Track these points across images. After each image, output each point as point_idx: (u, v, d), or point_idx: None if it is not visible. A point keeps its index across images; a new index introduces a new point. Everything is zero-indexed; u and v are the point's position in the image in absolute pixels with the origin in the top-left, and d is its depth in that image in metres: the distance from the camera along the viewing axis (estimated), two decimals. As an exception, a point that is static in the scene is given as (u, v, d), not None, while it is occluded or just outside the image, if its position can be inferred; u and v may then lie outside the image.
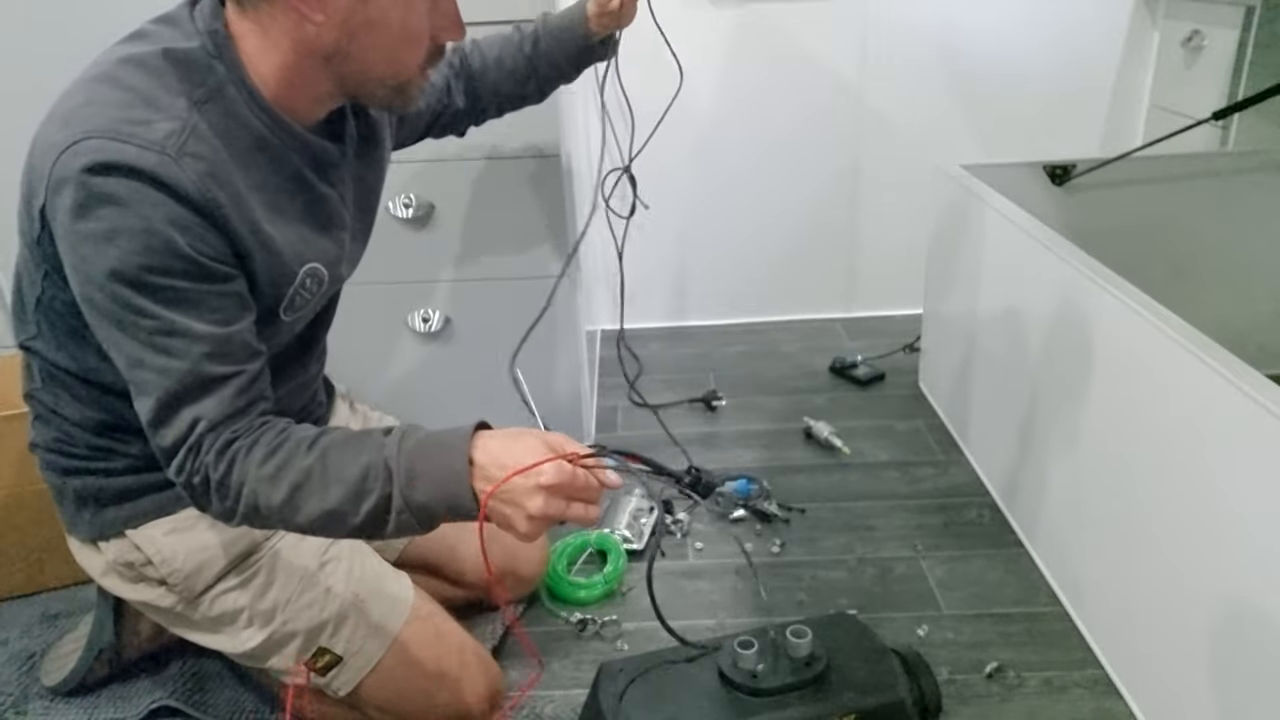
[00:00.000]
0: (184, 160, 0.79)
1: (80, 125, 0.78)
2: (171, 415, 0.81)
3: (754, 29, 2.07)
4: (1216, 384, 0.95)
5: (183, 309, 0.80)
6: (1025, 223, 1.43)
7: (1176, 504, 1.04)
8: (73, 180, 0.76)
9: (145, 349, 0.80)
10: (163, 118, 0.80)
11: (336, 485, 0.81)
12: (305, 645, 1.03)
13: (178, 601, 1.03)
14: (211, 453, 0.81)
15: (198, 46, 0.84)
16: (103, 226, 0.77)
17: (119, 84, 0.81)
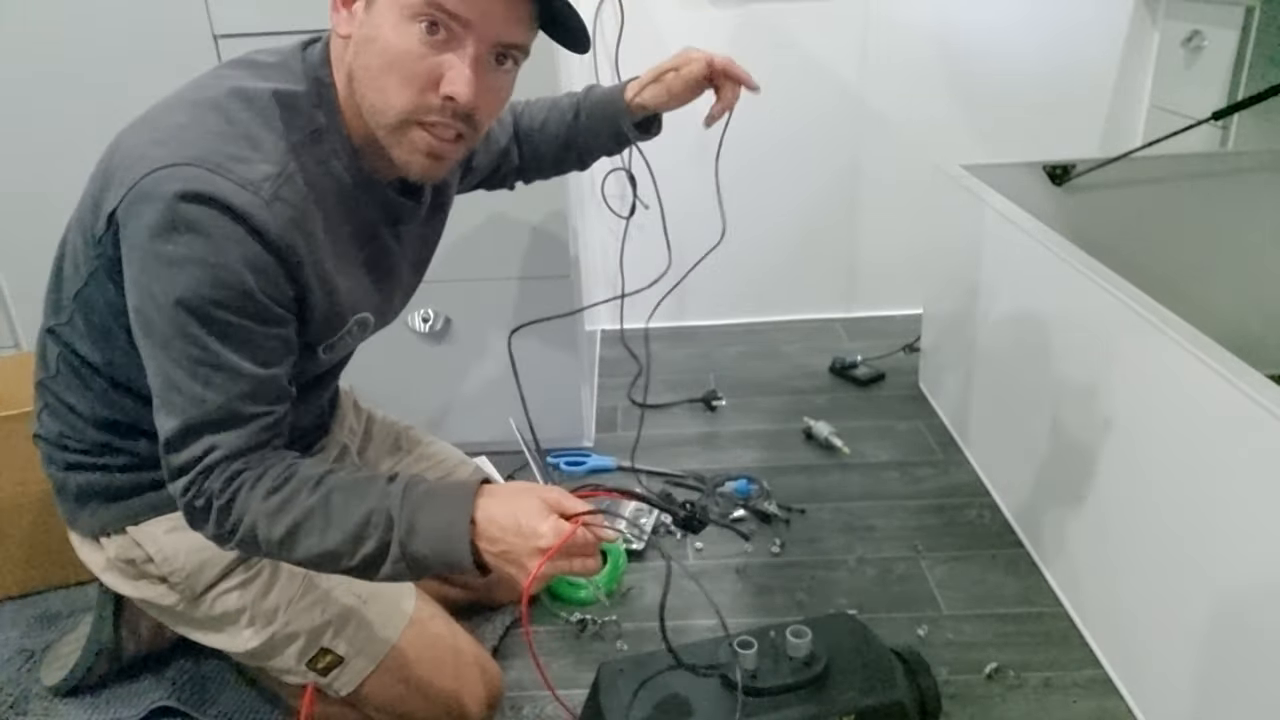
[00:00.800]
0: (275, 205, 0.80)
1: (180, 149, 0.79)
2: (191, 440, 0.83)
3: (754, 29, 2.07)
4: (1216, 384, 0.95)
5: (234, 346, 0.82)
6: (1025, 223, 1.43)
7: (1176, 504, 1.04)
8: (162, 200, 0.77)
9: (186, 375, 0.81)
10: (262, 159, 0.81)
11: (337, 528, 0.82)
12: (307, 646, 1.03)
13: (179, 600, 1.03)
14: (219, 480, 0.83)
15: (303, 92, 0.86)
16: (180, 252, 0.78)
17: (226, 116, 0.82)
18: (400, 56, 0.81)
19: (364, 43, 0.83)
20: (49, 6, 1.45)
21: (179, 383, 0.82)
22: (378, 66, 0.82)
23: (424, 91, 0.82)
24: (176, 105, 0.84)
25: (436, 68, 0.81)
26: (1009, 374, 1.51)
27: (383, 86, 0.83)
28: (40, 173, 1.54)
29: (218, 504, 0.83)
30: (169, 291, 0.79)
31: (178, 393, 0.82)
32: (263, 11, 1.47)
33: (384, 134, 0.86)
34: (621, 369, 2.11)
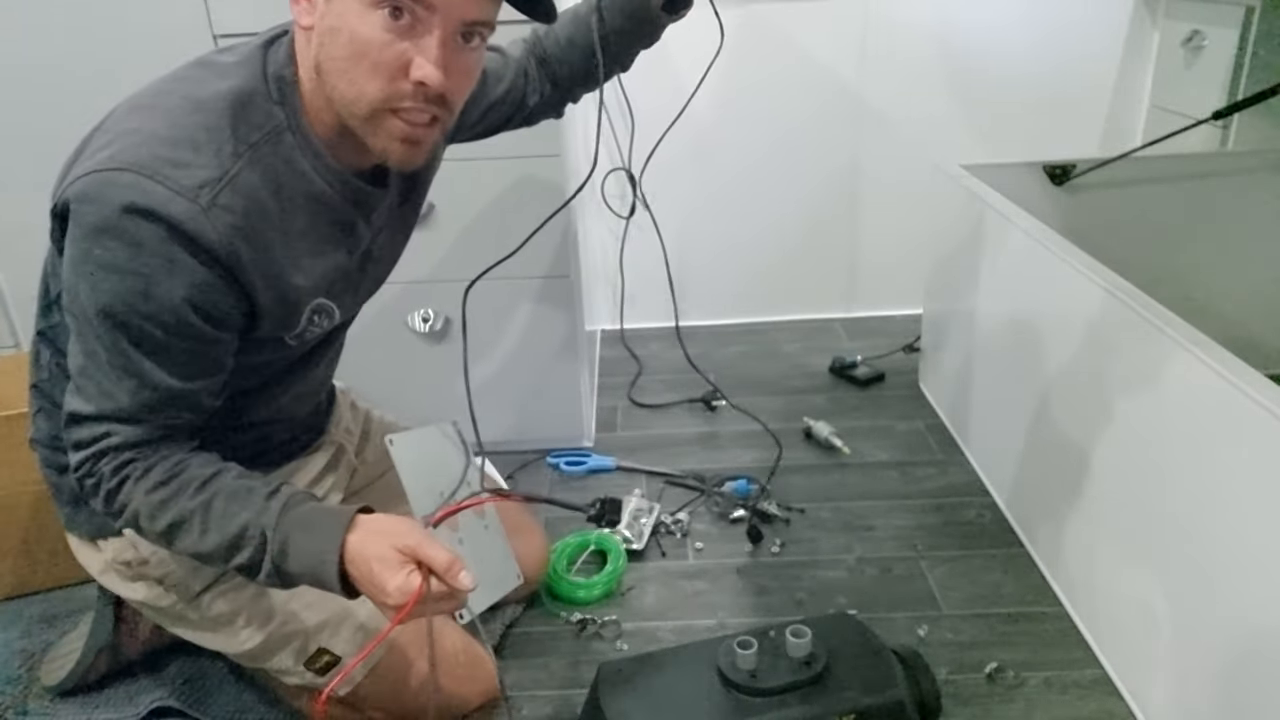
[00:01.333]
0: (213, 211, 0.80)
1: (121, 154, 0.79)
2: (90, 422, 0.85)
3: (754, 29, 2.07)
4: (1216, 384, 0.95)
5: (153, 357, 0.83)
6: (1025, 223, 1.43)
7: (1176, 504, 1.04)
8: (97, 205, 0.78)
9: (101, 371, 0.83)
10: (202, 165, 0.80)
11: (214, 533, 0.85)
12: (304, 646, 1.03)
13: (176, 601, 1.03)
14: (109, 465, 0.86)
15: (263, 90, 0.85)
16: (109, 259, 0.78)
17: (172, 120, 0.82)
18: (366, 45, 0.79)
19: (327, 34, 0.81)
20: (48, 7, 1.45)
21: (93, 375, 0.84)
22: (344, 57, 0.80)
23: (394, 79, 0.81)
24: (131, 110, 0.84)
25: (404, 54, 0.80)
26: (1009, 374, 1.51)
27: (353, 77, 0.81)
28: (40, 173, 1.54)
29: (106, 487, 0.86)
30: (95, 296, 0.80)
31: (91, 382, 0.84)
32: (263, 11, 1.46)
33: (358, 124, 0.84)
34: (621, 369, 2.11)
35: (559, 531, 1.50)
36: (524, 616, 1.36)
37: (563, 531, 1.50)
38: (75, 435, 0.86)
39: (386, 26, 0.78)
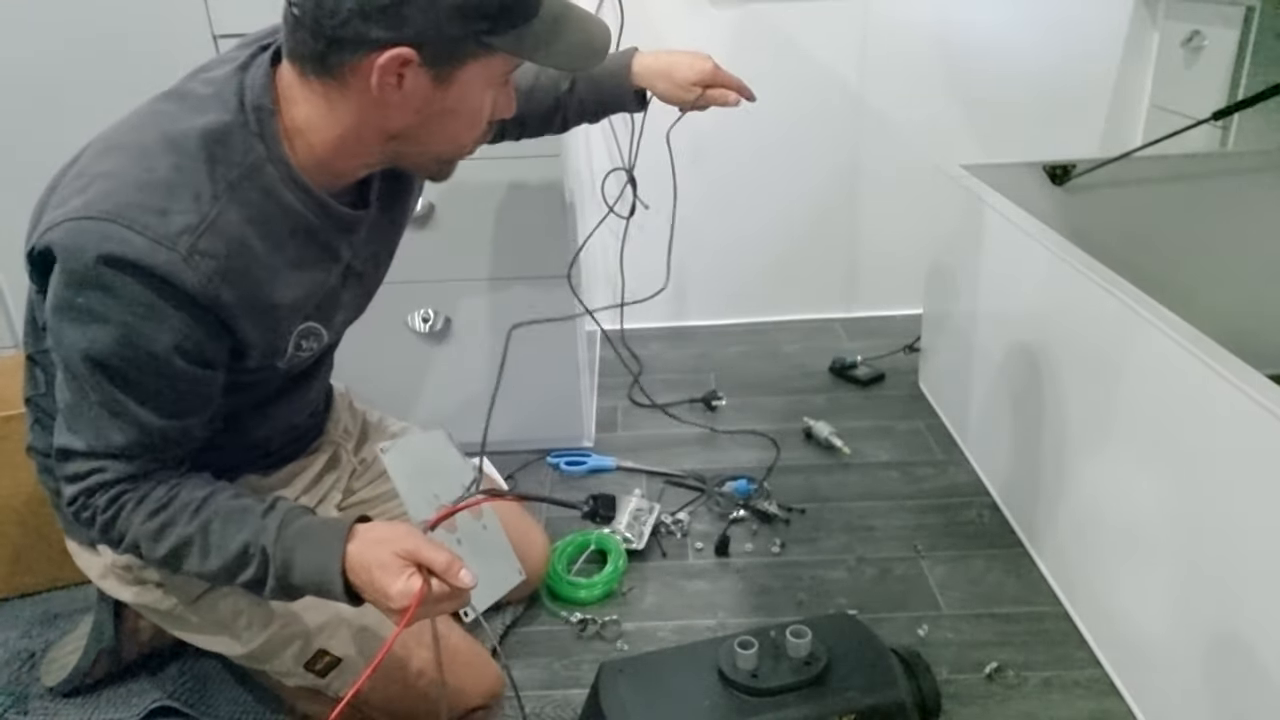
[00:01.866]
0: (193, 259, 0.79)
1: (97, 201, 0.78)
2: (81, 458, 0.86)
3: (754, 29, 2.07)
4: (1216, 384, 0.95)
5: (141, 400, 0.83)
6: (1025, 223, 1.43)
7: (1176, 504, 1.04)
8: (75, 254, 0.77)
9: (91, 412, 0.84)
10: (181, 210, 0.79)
11: (216, 556, 0.87)
12: (305, 647, 1.03)
13: (176, 604, 1.02)
14: (103, 499, 0.87)
15: (239, 123, 0.84)
16: (91, 307, 0.79)
17: (147, 163, 0.81)
18: (480, 117, 0.88)
19: (437, 115, 0.85)
20: (49, 7, 1.45)
21: (84, 413, 0.85)
22: (455, 128, 0.87)
23: (484, 128, 0.90)
24: (103, 148, 0.84)
25: (493, 108, 0.89)
26: (1009, 374, 1.51)
27: (459, 140, 0.89)
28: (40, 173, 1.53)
29: (101, 519, 0.87)
30: (77, 343, 0.81)
31: (81, 420, 0.85)
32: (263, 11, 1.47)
33: (434, 167, 0.93)
34: (621, 369, 2.11)
35: (559, 531, 1.50)
36: (524, 616, 1.36)
37: (563, 532, 1.50)
38: (67, 469, 0.87)
39: (492, 93, 0.88)
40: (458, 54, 0.81)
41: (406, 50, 0.78)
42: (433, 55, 0.80)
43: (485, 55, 0.82)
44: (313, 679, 1.04)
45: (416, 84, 0.81)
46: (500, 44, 0.81)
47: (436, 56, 0.80)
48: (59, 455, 0.87)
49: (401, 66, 0.79)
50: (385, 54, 0.78)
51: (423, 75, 0.81)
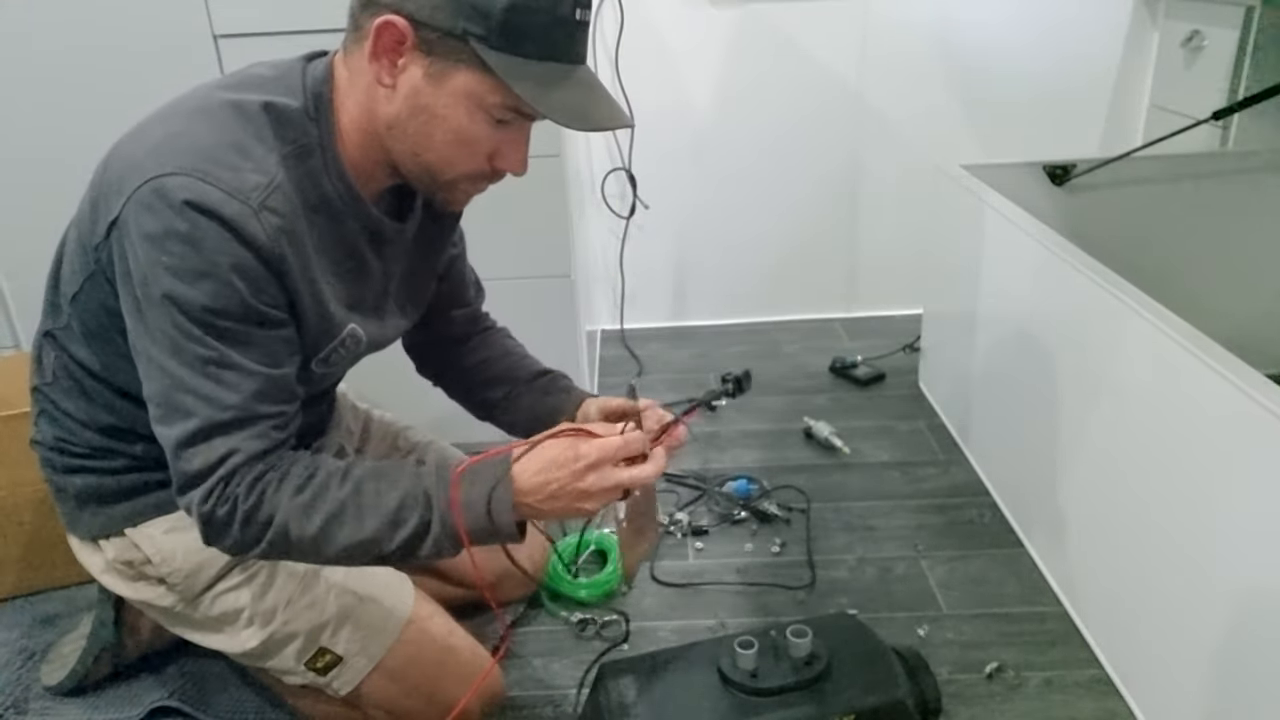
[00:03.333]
0: (263, 214, 0.81)
1: (172, 158, 0.80)
2: (205, 442, 0.82)
3: (754, 29, 2.07)
4: (1216, 384, 0.95)
5: (239, 348, 0.83)
6: (1025, 223, 1.43)
7: (1176, 503, 1.04)
8: (155, 209, 0.79)
9: (196, 375, 0.82)
10: (252, 168, 0.82)
11: (372, 516, 0.84)
12: (306, 645, 1.03)
13: (177, 601, 1.03)
14: (243, 485, 0.83)
15: (299, 106, 0.87)
16: (174, 261, 0.79)
17: (216, 124, 0.83)
18: (469, 138, 0.86)
19: (423, 112, 0.84)
20: (49, 7, 1.45)
21: (190, 384, 0.82)
22: (442, 140, 0.86)
23: (481, 164, 0.88)
24: (170, 115, 0.85)
25: (496, 145, 0.87)
26: (1009, 374, 1.51)
27: (446, 156, 0.87)
28: (40, 173, 1.54)
29: (243, 508, 0.83)
30: (169, 299, 0.80)
31: (186, 392, 0.82)
32: (263, 11, 1.47)
33: (428, 181, 0.90)
34: (621, 369, 2.11)
35: (559, 531, 1.50)
36: (524, 616, 1.36)
37: (564, 531, 1.50)
38: (190, 466, 0.83)
39: (491, 126, 0.85)
40: (451, 52, 0.81)
41: (400, 21, 0.80)
42: (426, 41, 0.81)
43: (478, 69, 0.81)
44: (313, 677, 1.04)
45: (410, 69, 0.83)
46: (492, 62, 0.80)
47: (430, 45, 0.81)
48: (177, 457, 0.83)
49: (398, 42, 0.81)
50: (381, 19, 0.80)
51: (417, 62, 0.82)
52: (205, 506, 0.83)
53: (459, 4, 0.79)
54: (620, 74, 2.06)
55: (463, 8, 0.79)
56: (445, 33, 0.80)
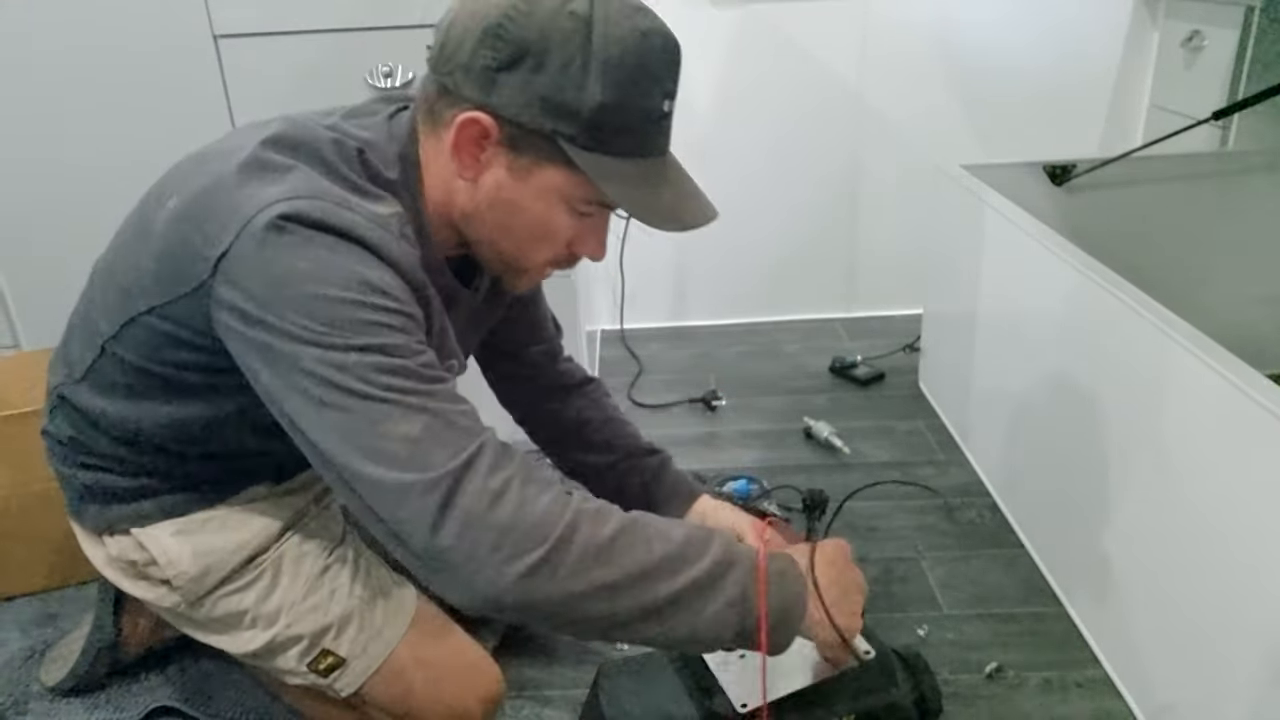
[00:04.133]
0: (401, 242, 0.80)
1: (297, 186, 0.76)
2: (435, 435, 0.73)
3: (754, 29, 2.07)
4: (1216, 384, 0.95)
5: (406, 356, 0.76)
6: (1025, 223, 1.43)
7: (1176, 504, 1.04)
8: (290, 232, 0.74)
9: (379, 408, 0.73)
10: (379, 202, 0.80)
11: (660, 541, 0.75)
12: (309, 647, 1.03)
13: (180, 602, 1.02)
14: (516, 465, 0.74)
15: (392, 162, 0.85)
16: (320, 276, 0.74)
17: (326, 163, 0.81)
18: (549, 230, 0.85)
19: (505, 205, 0.84)
20: (49, 7, 1.45)
21: (380, 398, 0.72)
22: (522, 232, 0.85)
23: (559, 252, 0.88)
24: (265, 154, 0.80)
25: (576, 233, 0.86)
26: (1009, 374, 1.51)
27: (522, 246, 0.87)
28: (40, 173, 1.54)
29: (521, 485, 0.72)
30: (321, 322, 0.73)
31: (378, 422, 0.72)
32: (263, 11, 1.47)
33: (500, 266, 0.91)
34: (621, 369, 2.11)
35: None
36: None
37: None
38: (432, 462, 0.72)
39: (573, 217, 0.85)
40: (537, 150, 0.80)
41: (485, 117, 0.79)
42: (511, 137, 0.80)
43: (565, 167, 0.80)
44: (315, 678, 1.04)
45: (493, 164, 0.82)
46: (581, 162, 0.79)
47: (515, 141, 0.80)
48: (405, 458, 0.71)
49: (482, 137, 0.80)
50: (467, 114, 0.79)
51: (500, 157, 0.82)
52: (491, 481, 0.71)
53: (547, 103, 0.78)
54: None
55: (551, 107, 0.78)
56: (532, 131, 0.79)
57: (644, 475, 1.15)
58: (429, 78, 0.84)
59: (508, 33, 0.77)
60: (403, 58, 1.52)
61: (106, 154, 1.50)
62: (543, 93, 0.78)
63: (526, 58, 0.77)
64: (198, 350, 0.84)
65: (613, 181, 0.80)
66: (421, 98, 0.85)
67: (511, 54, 0.77)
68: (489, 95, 0.79)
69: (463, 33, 0.79)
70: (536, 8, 0.78)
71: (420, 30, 1.50)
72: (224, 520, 1.00)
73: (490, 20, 0.78)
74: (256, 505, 1.03)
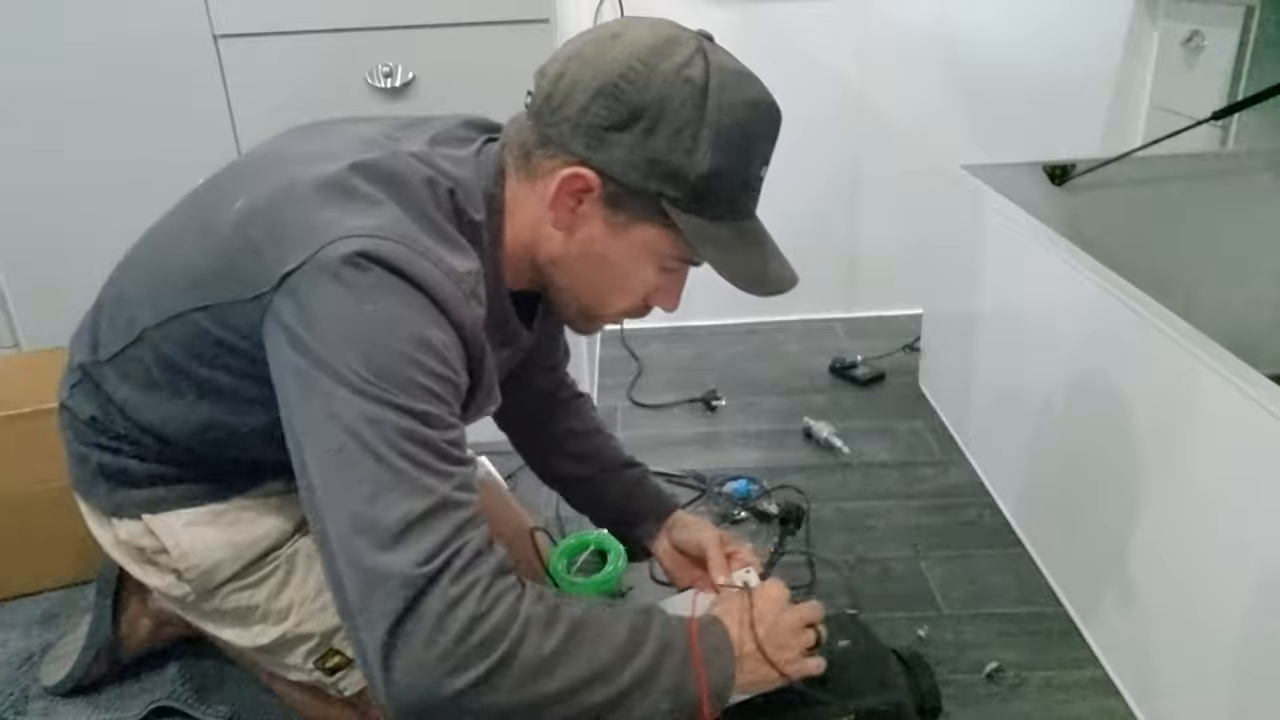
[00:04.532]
0: (471, 302, 0.78)
1: (383, 224, 0.74)
2: (422, 528, 0.69)
3: (754, 29, 2.07)
4: (1216, 384, 0.95)
5: (435, 402, 0.74)
6: (1025, 223, 1.43)
7: (1176, 503, 1.04)
8: (365, 269, 0.72)
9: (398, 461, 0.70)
10: (462, 255, 0.79)
11: (606, 642, 0.74)
12: (318, 646, 1.02)
13: (189, 592, 1.00)
14: (485, 571, 0.70)
15: (477, 201, 0.84)
16: (382, 313, 0.72)
17: (417, 204, 0.79)
18: (635, 286, 0.87)
19: (595, 258, 0.85)
20: (49, 7, 1.45)
21: (396, 467, 0.69)
22: (607, 284, 0.87)
23: (639, 303, 0.90)
24: (355, 180, 0.78)
25: (657, 286, 0.89)
26: (1009, 374, 1.51)
27: (607, 299, 0.89)
28: (40, 173, 1.54)
29: (477, 609, 0.68)
30: (373, 363, 0.71)
31: (385, 488, 0.69)
32: (263, 11, 1.47)
33: (574, 312, 0.91)
34: (621, 369, 2.11)
35: (562, 530, 1.50)
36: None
37: (564, 531, 1.50)
38: (410, 545, 0.68)
39: (658, 272, 0.87)
40: (636, 208, 0.81)
41: (589, 174, 0.79)
42: (612, 195, 0.81)
43: (662, 226, 0.82)
44: (320, 676, 1.03)
45: (589, 217, 0.83)
46: (682, 224, 0.81)
47: (616, 199, 0.81)
48: (390, 541, 0.68)
49: (583, 191, 0.81)
50: (572, 169, 0.79)
51: (598, 211, 0.82)
52: (431, 602, 0.67)
53: (655, 165, 0.79)
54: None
55: (659, 170, 0.79)
56: (635, 190, 0.80)
57: (622, 488, 1.17)
58: (528, 125, 0.83)
59: (624, 94, 0.78)
60: (403, 58, 1.52)
61: (107, 154, 1.50)
62: (652, 155, 0.79)
63: (640, 120, 0.78)
64: (240, 355, 0.82)
65: (709, 244, 0.83)
66: (516, 141, 0.84)
67: (626, 115, 0.78)
68: (596, 152, 0.79)
69: (573, 87, 0.79)
70: (654, 71, 0.78)
71: (420, 30, 1.50)
72: (238, 515, 0.99)
73: (606, 79, 0.78)
74: (271, 501, 1.01)
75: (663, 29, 0.82)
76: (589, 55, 0.80)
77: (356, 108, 1.59)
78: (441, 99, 1.53)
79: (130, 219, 0.98)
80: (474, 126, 0.92)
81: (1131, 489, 1.13)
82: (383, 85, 1.52)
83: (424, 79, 1.53)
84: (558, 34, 1.50)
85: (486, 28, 1.50)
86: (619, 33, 0.81)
